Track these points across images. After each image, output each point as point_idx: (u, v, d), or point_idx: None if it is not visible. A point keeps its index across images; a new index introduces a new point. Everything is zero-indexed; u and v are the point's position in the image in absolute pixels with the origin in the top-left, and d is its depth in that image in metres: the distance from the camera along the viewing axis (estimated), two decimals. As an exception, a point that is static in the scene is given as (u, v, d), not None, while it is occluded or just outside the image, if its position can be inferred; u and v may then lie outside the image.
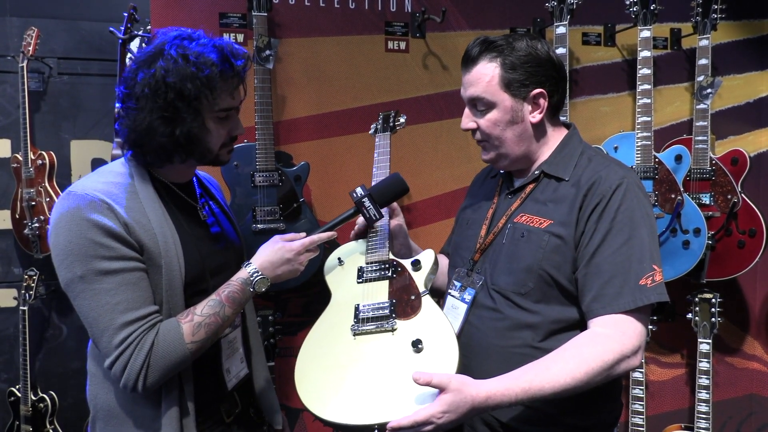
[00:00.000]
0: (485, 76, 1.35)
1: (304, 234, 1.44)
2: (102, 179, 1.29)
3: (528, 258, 1.32)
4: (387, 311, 1.39)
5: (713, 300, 2.43)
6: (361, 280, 1.48)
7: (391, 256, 1.51)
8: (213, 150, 1.34)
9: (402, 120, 1.85)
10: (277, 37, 2.26)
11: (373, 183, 1.61)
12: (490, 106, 1.36)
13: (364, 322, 1.37)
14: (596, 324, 1.24)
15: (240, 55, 1.31)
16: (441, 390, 1.12)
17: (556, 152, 1.40)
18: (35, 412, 2.74)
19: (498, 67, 1.35)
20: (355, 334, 1.36)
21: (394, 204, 1.59)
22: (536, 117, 1.37)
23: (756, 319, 2.75)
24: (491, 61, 1.35)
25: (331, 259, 1.57)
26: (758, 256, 2.40)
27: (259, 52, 2.11)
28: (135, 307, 1.22)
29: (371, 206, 1.49)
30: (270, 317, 2.21)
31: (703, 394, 2.43)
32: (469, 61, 1.39)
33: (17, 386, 2.76)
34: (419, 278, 1.45)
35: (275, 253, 1.37)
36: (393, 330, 1.35)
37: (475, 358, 1.38)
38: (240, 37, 2.27)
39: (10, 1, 2.85)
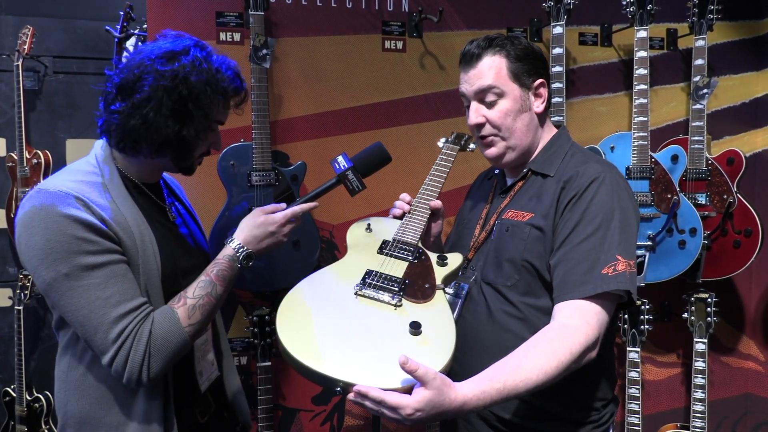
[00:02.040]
0: (494, 67, 1.40)
1: (284, 205, 1.43)
2: (72, 177, 1.25)
3: (512, 250, 1.37)
4: (397, 287, 1.32)
5: (709, 300, 2.43)
6: (381, 252, 1.44)
7: (420, 244, 1.47)
8: (193, 157, 1.35)
9: (472, 146, 1.77)
10: (273, 37, 2.25)
11: (423, 188, 1.60)
12: (500, 95, 1.40)
13: (370, 286, 1.31)
14: (561, 312, 1.25)
15: (244, 81, 1.38)
16: (422, 383, 1.04)
17: (545, 150, 1.46)
18: (30, 412, 2.73)
19: (504, 59, 1.40)
20: (356, 294, 1.29)
21: (439, 204, 1.54)
22: (540, 107, 1.43)
23: (751, 319, 2.76)
24: (495, 54, 1.40)
25: (361, 223, 1.54)
26: (754, 256, 2.41)
27: (256, 52, 2.11)
28: (127, 299, 1.19)
29: (354, 178, 1.47)
30: (266, 317, 2.21)
31: (698, 394, 2.43)
32: (472, 58, 1.43)
33: (12, 386, 2.75)
34: (440, 273, 1.40)
35: (258, 227, 1.36)
36: (397, 306, 1.28)
37: (469, 352, 1.39)
38: (237, 36, 2.26)
39: (5, -1, 2.84)
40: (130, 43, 2.69)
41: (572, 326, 1.21)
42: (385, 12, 2.40)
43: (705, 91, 2.43)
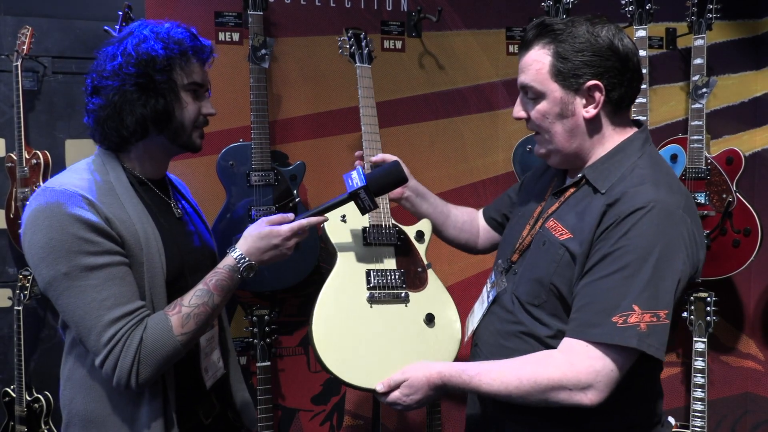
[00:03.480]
0: (536, 63, 1.24)
1: (292, 216, 1.37)
2: (77, 176, 1.26)
3: (541, 270, 1.26)
4: (398, 282, 1.50)
5: (708, 299, 2.43)
6: (368, 243, 1.54)
7: (393, 221, 1.59)
8: (186, 126, 1.32)
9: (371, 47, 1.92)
10: (272, 36, 2.25)
11: (363, 129, 1.64)
12: (539, 95, 1.26)
13: (378, 289, 1.47)
14: (561, 344, 1.18)
15: (200, 38, 1.37)
16: (403, 380, 1.28)
17: (607, 157, 1.26)
18: (30, 412, 2.73)
19: (550, 54, 1.23)
20: (371, 303, 1.44)
21: (380, 158, 1.60)
22: (590, 112, 1.23)
23: (751, 318, 2.76)
24: (544, 47, 1.24)
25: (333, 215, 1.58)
26: (753, 255, 2.41)
27: (255, 51, 2.11)
28: (122, 303, 1.19)
29: (366, 197, 1.39)
30: (266, 317, 2.20)
31: (698, 393, 2.43)
32: (523, 44, 1.28)
33: (12, 386, 2.75)
34: (422, 249, 1.56)
35: (262, 238, 1.32)
36: (406, 302, 1.50)
37: (481, 354, 1.38)
38: (236, 36, 2.26)
39: (4, -1, 2.84)
40: (129, 43, 2.68)
41: (555, 358, 1.16)
42: (384, 11, 2.40)
43: (704, 90, 2.43)
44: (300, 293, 2.36)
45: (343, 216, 1.56)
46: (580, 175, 1.28)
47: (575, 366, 1.13)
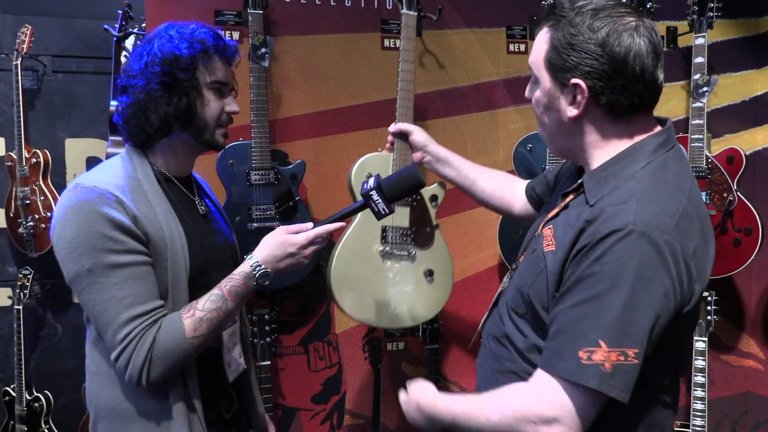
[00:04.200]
0: (537, 46, 1.14)
1: (310, 225, 1.38)
2: (107, 173, 1.30)
3: (524, 280, 1.20)
4: (409, 239, 1.80)
5: (709, 298, 2.43)
6: None
7: None
8: (210, 124, 1.36)
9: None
10: (272, 35, 2.25)
11: (399, 86, 1.93)
12: (536, 81, 1.16)
13: (391, 245, 1.72)
14: (532, 375, 1.12)
15: (226, 39, 1.40)
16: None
17: (609, 164, 1.12)
18: (30, 411, 2.73)
19: (547, 41, 1.12)
20: (383, 257, 1.66)
21: (399, 128, 1.79)
22: (572, 111, 1.11)
23: (751, 317, 2.76)
24: (548, 31, 1.12)
25: (361, 171, 1.84)
26: (754, 254, 2.41)
27: (255, 50, 2.10)
28: (140, 302, 1.22)
29: (379, 200, 1.37)
30: (266, 316, 2.20)
31: (698, 392, 2.43)
32: (537, 22, 1.22)
33: (12, 386, 2.75)
34: (433, 212, 1.84)
35: (279, 246, 1.33)
36: (413, 259, 1.81)
37: (481, 354, 1.38)
38: (235, 35, 2.26)
39: (3, -2, 2.83)
40: (128, 42, 2.68)
41: (521, 390, 1.11)
42: (384, 10, 2.40)
43: (705, 89, 2.42)
44: (300, 293, 2.35)
45: (369, 174, 1.73)
46: (579, 181, 1.17)
47: (540, 399, 1.06)
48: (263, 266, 1.32)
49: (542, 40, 1.13)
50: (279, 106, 2.30)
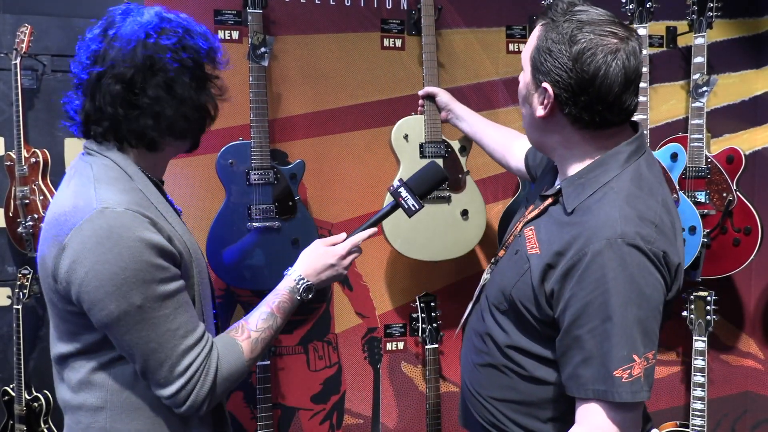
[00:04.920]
0: (530, 39, 1.18)
1: (343, 236, 1.40)
2: (113, 188, 1.13)
3: (507, 279, 1.24)
4: (445, 186, 2.10)
5: (708, 298, 2.43)
6: (423, 156, 2.13)
7: (444, 137, 2.14)
8: (204, 128, 1.29)
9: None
10: (272, 35, 2.24)
11: (424, 57, 2.19)
12: (523, 70, 1.21)
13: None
14: (577, 413, 1.13)
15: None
16: None
17: (585, 171, 1.17)
18: (29, 411, 2.72)
19: (537, 39, 1.15)
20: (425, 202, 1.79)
21: (425, 91, 2.12)
22: (540, 112, 1.16)
23: (751, 317, 2.76)
24: (540, 29, 1.15)
25: (399, 132, 2.13)
26: (753, 254, 2.41)
27: (255, 50, 2.10)
28: (191, 329, 1.14)
29: (409, 196, 1.43)
30: (266, 316, 2.20)
31: (698, 392, 2.43)
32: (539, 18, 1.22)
33: (11, 386, 2.74)
34: (464, 161, 2.16)
35: (318, 258, 1.34)
36: (449, 201, 2.15)
37: (462, 348, 1.43)
38: (235, 35, 2.25)
39: (3, -3, 2.83)
40: (128, 42, 2.67)
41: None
42: (383, 10, 2.40)
43: (704, 89, 2.42)
44: (300, 292, 2.35)
45: (406, 135, 2.11)
46: (558, 186, 1.21)
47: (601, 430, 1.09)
48: (306, 279, 1.32)
49: (534, 36, 1.17)
50: (278, 105, 2.30)
